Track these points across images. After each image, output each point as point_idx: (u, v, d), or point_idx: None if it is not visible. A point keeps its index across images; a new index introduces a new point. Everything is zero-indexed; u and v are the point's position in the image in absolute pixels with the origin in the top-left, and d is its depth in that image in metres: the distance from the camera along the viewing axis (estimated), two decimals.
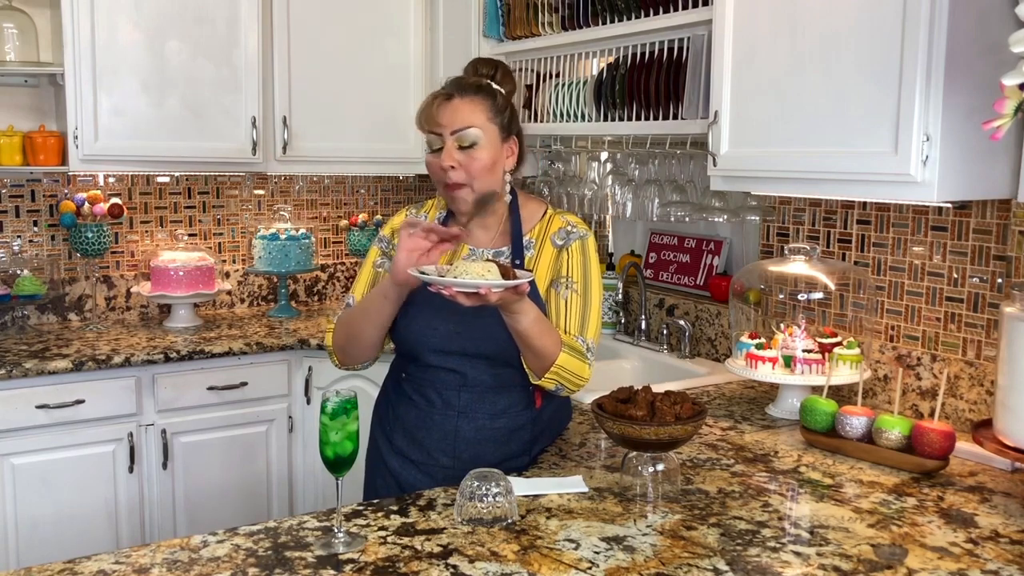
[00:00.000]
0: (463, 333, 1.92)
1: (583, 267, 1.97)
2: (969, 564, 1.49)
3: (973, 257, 2.23)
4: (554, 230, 2.01)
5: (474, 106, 1.91)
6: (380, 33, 3.63)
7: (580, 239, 1.99)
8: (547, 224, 2.02)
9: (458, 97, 1.91)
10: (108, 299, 3.57)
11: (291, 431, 3.30)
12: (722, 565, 1.47)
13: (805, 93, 2.11)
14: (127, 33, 3.17)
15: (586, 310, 1.94)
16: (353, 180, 4.05)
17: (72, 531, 2.91)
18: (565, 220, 2.02)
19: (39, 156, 3.20)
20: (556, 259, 1.98)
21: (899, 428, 1.96)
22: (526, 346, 1.82)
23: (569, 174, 3.44)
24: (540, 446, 2.05)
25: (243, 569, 1.43)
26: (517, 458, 1.98)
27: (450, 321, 1.91)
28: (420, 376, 1.99)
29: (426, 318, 1.94)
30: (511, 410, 1.97)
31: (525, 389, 1.98)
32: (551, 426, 2.09)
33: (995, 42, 1.81)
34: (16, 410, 2.82)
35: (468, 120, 1.89)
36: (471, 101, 1.91)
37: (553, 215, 2.03)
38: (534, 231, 2.01)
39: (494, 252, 1.99)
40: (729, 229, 3.10)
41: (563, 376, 1.86)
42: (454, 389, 1.95)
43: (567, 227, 2.01)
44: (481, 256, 1.98)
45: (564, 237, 1.99)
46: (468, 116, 1.89)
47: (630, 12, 2.79)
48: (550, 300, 1.95)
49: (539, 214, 2.04)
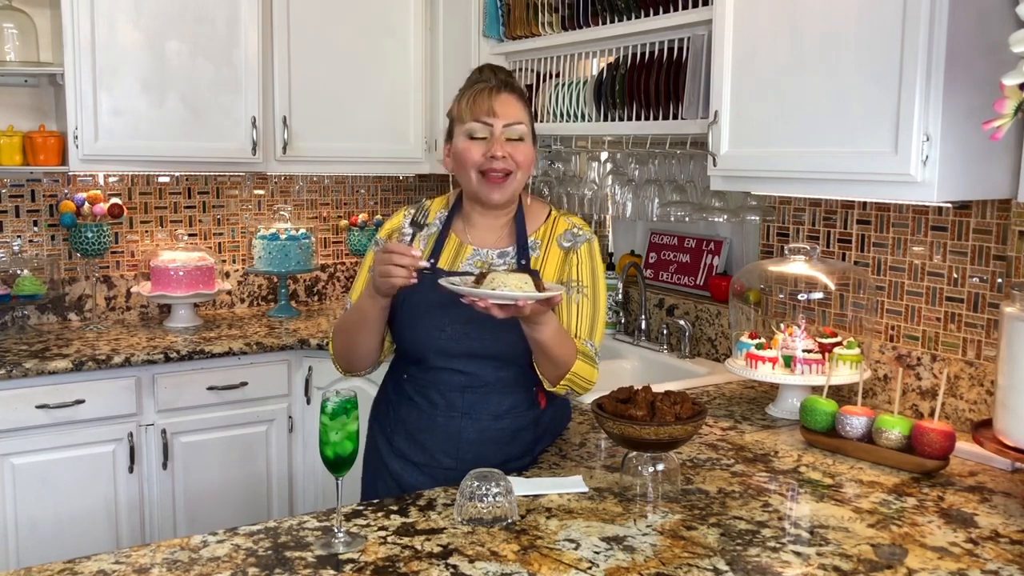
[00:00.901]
0: (471, 333, 1.91)
1: (591, 271, 1.99)
2: (969, 564, 1.49)
3: (973, 257, 2.23)
4: (559, 232, 2.01)
5: (521, 104, 1.95)
6: (380, 33, 3.63)
7: (587, 242, 2.01)
8: (552, 226, 2.02)
9: (506, 92, 1.92)
10: (108, 299, 3.57)
11: (291, 431, 3.30)
12: (722, 565, 1.47)
13: (805, 93, 2.11)
14: (127, 33, 3.17)
15: (595, 315, 1.97)
16: (353, 180, 4.05)
17: (72, 531, 2.92)
18: (570, 222, 2.03)
19: (39, 156, 3.20)
20: (563, 261, 1.99)
21: (899, 428, 1.96)
22: (545, 355, 1.84)
23: (569, 174, 3.44)
24: (542, 447, 2.05)
25: (243, 569, 1.43)
26: (519, 459, 1.98)
27: (457, 322, 1.90)
28: (423, 377, 1.98)
29: (432, 320, 1.92)
30: (514, 410, 1.97)
31: (529, 389, 1.98)
32: (552, 426, 2.09)
33: (995, 42, 1.81)
34: (16, 410, 2.82)
35: (519, 115, 1.92)
36: (519, 99, 1.95)
37: (558, 217, 2.04)
38: (539, 232, 2.01)
39: (499, 252, 1.99)
40: (729, 229, 3.10)
41: (575, 382, 1.90)
42: (458, 390, 1.95)
43: (573, 229, 2.01)
44: (487, 257, 1.98)
45: (571, 239, 2.00)
46: (518, 112, 1.93)
47: (630, 12, 2.79)
48: (561, 303, 1.96)
49: (543, 215, 2.04)
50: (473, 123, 1.91)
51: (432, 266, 1.93)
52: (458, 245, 2.00)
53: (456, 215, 2.03)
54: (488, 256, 1.98)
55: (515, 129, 1.91)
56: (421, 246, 1.99)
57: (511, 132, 1.91)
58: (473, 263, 1.97)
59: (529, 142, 1.94)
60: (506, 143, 1.90)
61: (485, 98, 1.90)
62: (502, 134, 1.90)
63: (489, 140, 1.90)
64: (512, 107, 1.92)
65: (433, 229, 2.02)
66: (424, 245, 2.00)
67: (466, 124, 1.92)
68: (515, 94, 1.94)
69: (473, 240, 2.00)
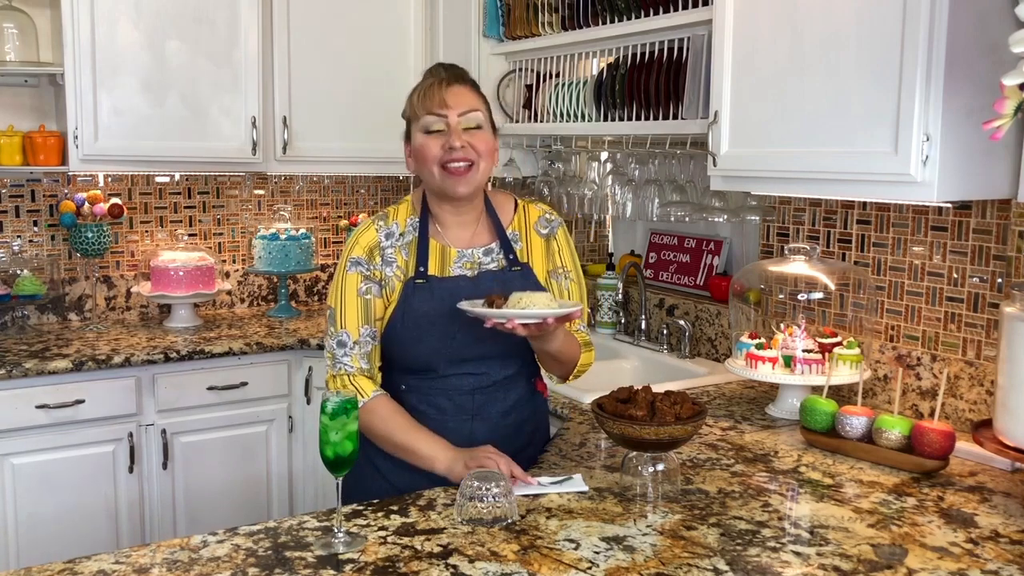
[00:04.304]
0: (482, 336, 1.85)
1: (571, 255, 2.05)
2: (969, 564, 1.49)
3: (973, 257, 2.23)
4: (534, 220, 2.03)
5: (475, 93, 1.93)
6: (380, 33, 3.63)
7: (560, 225, 2.06)
8: (524, 215, 2.02)
9: (457, 84, 1.90)
10: (108, 299, 3.57)
11: (291, 431, 3.29)
12: (722, 565, 1.47)
13: (805, 93, 2.11)
14: (127, 33, 3.17)
15: (582, 297, 2.04)
16: (353, 180, 4.05)
17: (72, 531, 2.92)
18: (540, 209, 2.05)
19: (39, 156, 3.20)
20: (547, 248, 2.01)
21: (899, 428, 1.96)
22: (555, 360, 1.90)
23: (569, 174, 3.44)
24: (540, 435, 2.09)
25: (243, 569, 1.43)
26: (524, 450, 1.99)
27: (467, 327, 1.87)
28: (428, 386, 1.94)
29: (441, 329, 1.89)
30: (519, 404, 2.00)
31: (528, 380, 2.02)
32: (542, 411, 2.13)
33: (995, 42, 1.81)
34: (16, 410, 2.82)
35: (473, 103, 1.90)
36: (471, 89, 1.93)
37: (525, 205, 2.04)
38: (514, 223, 2.01)
39: (484, 250, 1.97)
40: (729, 229, 3.10)
41: (582, 372, 1.98)
42: (468, 393, 1.93)
43: (545, 216, 2.04)
44: (473, 257, 1.96)
45: (547, 226, 2.03)
46: (472, 100, 1.91)
47: (630, 12, 2.79)
48: (552, 291, 1.99)
49: (510, 205, 2.04)
50: (427, 116, 1.88)
51: (423, 275, 1.91)
52: (441, 249, 1.95)
53: (428, 219, 1.97)
54: (474, 256, 1.96)
55: (471, 117, 1.88)
56: (404, 256, 1.94)
57: (467, 121, 1.88)
58: (462, 265, 1.95)
59: (488, 130, 1.92)
60: (463, 132, 1.87)
61: (436, 91, 1.88)
62: (458, 124, 1.87)
63: (446, 132, 1.87)
64: (464, 96, 1.89)
65: (409, 237, 1.96)
66: (406, 254, 1.94)
67: (421, 119, 1.89)
68: (467, 85, 1.92)
69: (450, 240, 1.96)
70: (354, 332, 1.90)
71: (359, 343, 1.90)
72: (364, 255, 1.93)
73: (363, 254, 1.93)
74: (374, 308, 1.92)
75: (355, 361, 1.90)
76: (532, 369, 2.04)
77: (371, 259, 1.93)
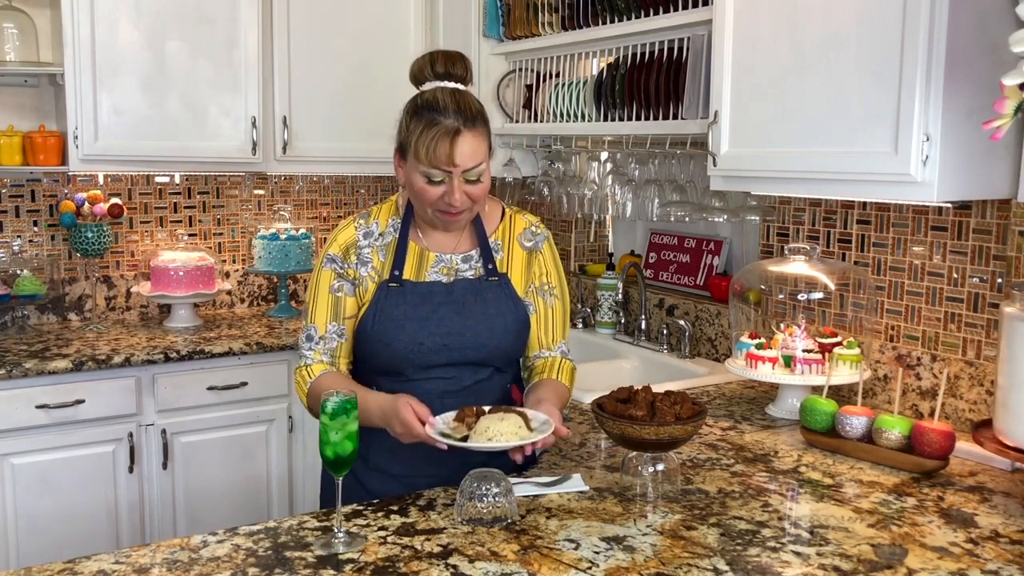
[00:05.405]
0: (450, 344, 1.88)
1: (556, 270, 2.04)
2: (969, 564, 1.49)
3: (973, 257, 2.23)
4: (519, 231, 2.00)
5: (481, 139, 1.82)
6: (380, 33, 3.63)
7: (546, 239, 2.04)
8: (510, 225, 2.00)
9: (465, 131, 1.78)
10: (108, 299, 3.57)
11: (291, 431, 3.29)
12: (722, 565, 1.47)
13: (805, 93, 2.11)
14: (127, 33, 3.17)
15: (566, 313, 2.05)
16: (353, 180, 4.05)
17: (72, 531, 2.92)
18: (527, 220, 2.03)
19: (39, 156, 3.20)
20: (528, 262, 1.99)
21: (899, 428, 1.96)
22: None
23: (569, 174, 3.44)
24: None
25: (243, 569, 1.43)
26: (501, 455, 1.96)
27: (436, 334, 1.87)
28: (399, 388, 1.89)
29: (410, 334, 1.87)
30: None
31: (503, 387, 1.99)
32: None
33: (995, 42, 1.81)
34: (16, 410, 2.82)
35: (478, 157, 1.81)
36: (479, 134, 1.81)
37: (513, 215, 2.02)
38: (498, 232, 1.99)
39: (463, 257, 1.95)
40: (729, 229, 3.10)
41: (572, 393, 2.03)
42: (437, 396, 1.89)
43: (531, 228, 2.02)
44: (451, 263, 1.93)
45: (531, 239, 2.01)
46: (478, 151, 1.81)
47: (630, 12, 2.79)
48: (538, 308, 2.00)
49: (498, 213, 2.01)
50: (431, 169, 1.79)
51: (397, 278, 1.90)
52: (419, 253, 1.93)
53: (410, 221, 1.95)
54: (452, 262, 1.94)
55: (474, 172, 1.82)
56: (380, 257, 1.93)
57: (470, 175, 1.82)
58: (439, 270, 1.93)
59: (488, 173, 1.86)
60: (464, 184, 1.82)
61: (445, 145, 1.77)
62: (461, 179, 1.81)
63: (448, 183, 1.81)
64: (472, 149, 1.79)
65: (388, 239, 1.94)
66: (383, 256, 1.93)
67: (422, 167, 1.80)
68: (475, 129, 1.80)
69: (431, 246, 1.95)
70: (321, 328, 1.92)
71: (324, 339, 1.93)
72: (340, 253, 1.94)
73: (339, 252, 1.94)
74: (344, 306, 1.92)
75: (317, 355, 1.93)
76: (507, 378, 2.00)
77: (346, 257, 1.93)
